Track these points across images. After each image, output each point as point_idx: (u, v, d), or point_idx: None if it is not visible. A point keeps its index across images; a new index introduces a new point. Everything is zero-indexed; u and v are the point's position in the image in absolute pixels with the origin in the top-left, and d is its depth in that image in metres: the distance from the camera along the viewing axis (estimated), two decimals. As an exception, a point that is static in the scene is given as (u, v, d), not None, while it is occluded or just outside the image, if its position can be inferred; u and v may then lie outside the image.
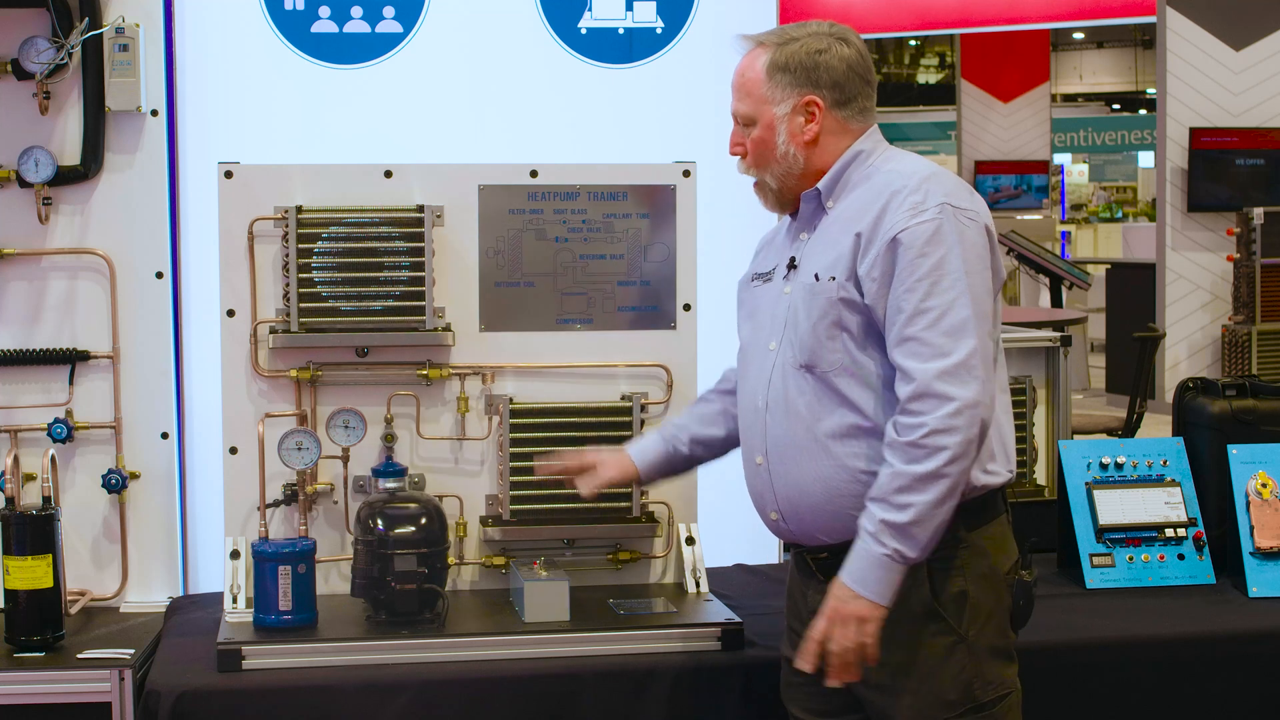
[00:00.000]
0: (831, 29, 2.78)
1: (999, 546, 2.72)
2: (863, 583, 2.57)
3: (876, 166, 2.75)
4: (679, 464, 3.11)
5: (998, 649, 2.69)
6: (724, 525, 3.81)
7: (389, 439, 3.50)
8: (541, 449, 3.48)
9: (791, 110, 2.74)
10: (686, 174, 3.61)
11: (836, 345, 2.67)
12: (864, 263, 2.63)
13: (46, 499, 3.24)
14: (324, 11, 3.75)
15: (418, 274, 3.44)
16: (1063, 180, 23.03)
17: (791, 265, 2.78)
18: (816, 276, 2.70)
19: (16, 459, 3.33)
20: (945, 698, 2.65)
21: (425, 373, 3.51)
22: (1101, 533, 3.66)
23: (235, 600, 3.32)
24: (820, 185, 2.75)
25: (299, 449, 3.31)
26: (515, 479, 3.48)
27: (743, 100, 2.78)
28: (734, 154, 2.82)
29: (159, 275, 3.66)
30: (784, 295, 2.77)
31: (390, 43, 3.78)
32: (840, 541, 2.69)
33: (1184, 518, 3.69)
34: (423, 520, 3.26)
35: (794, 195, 2.78)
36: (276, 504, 3.42)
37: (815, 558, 2.78)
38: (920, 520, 2.54)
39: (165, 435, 3.68)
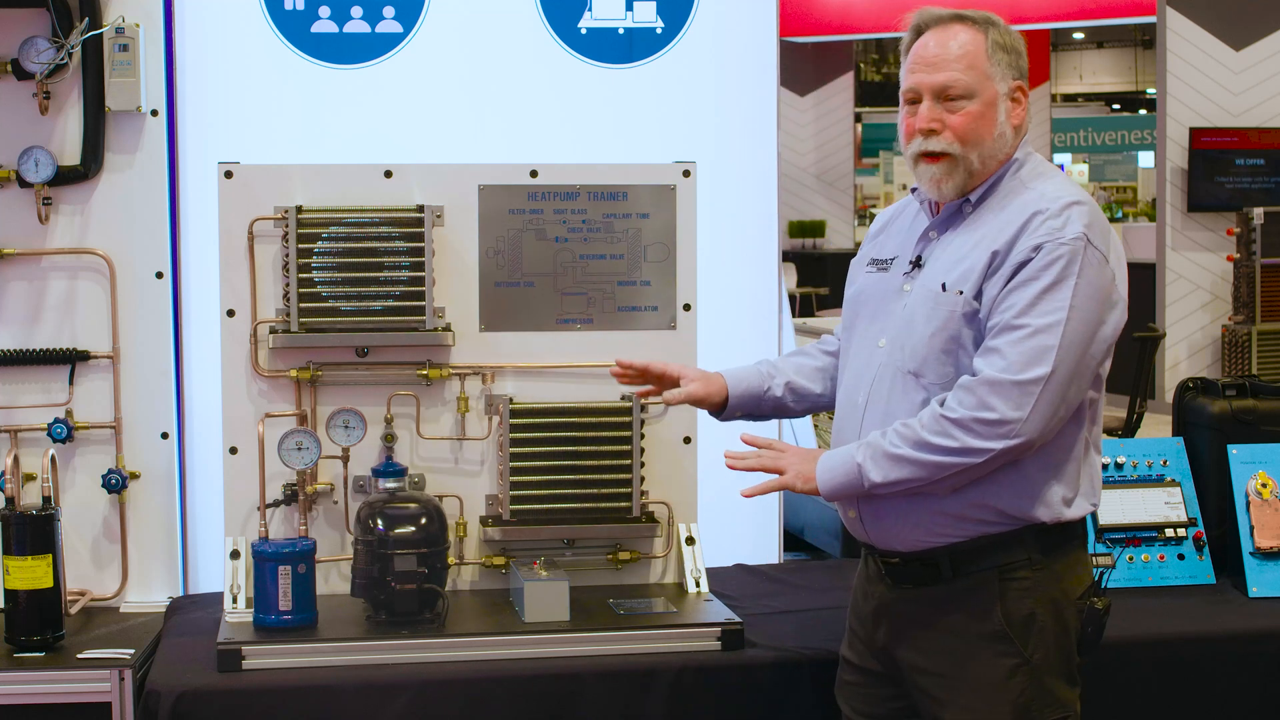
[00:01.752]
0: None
1: (1072, 572, 2.70)
2: (828, 469, 2.67)
3: (1023, 181, 2.69)
4: (767, 406, 3.06)
5: (1061, 672, 2.68)
6: (724, 525, 3.81)
7: (389, 439, 3.50)
8: (541, 449, 3.48)
9: (1009, 90, 2.69)
10: (686, 174, 3.61)
11: (949, 360, 2.64)
12: (991, 281, 2.60)
13: (46, 499, 3.24)
14: (324, 11, 3.74)
15: (418, 274, 3.44)
16: (1063, 180, 22.97)
17: (917, 264, 2.74)
18: (944, 287, 2.65)
19: (16, 459, 3.33)
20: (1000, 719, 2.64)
21: (425, 373, 3.51)
22: (1101, 533, 3.66)
23: (235, 600, 3.32)
24: (972, 195, 2.70)
25: (299, 449, 3.31)
26: (515, 479, 3.48)
27: (964, 72, 2.66)
28: (928, 128, 2.68)
29: (159, 275, 3.66)
30: (902, 293, 2.73)
31: (390, 43, 3.77)
32: (914, 550, 2.70)
33: (1184, 518, 3.69)
34: (423, 520, 3.26)
35: (979, 182, 2.70)
36: (276, 504, 3.42)
37: (886, 561, 2.76)
38: (897, 465, 2.59)
39: (165, 435, 3.68)
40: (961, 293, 2.63)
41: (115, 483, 3.62)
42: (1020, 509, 2.64)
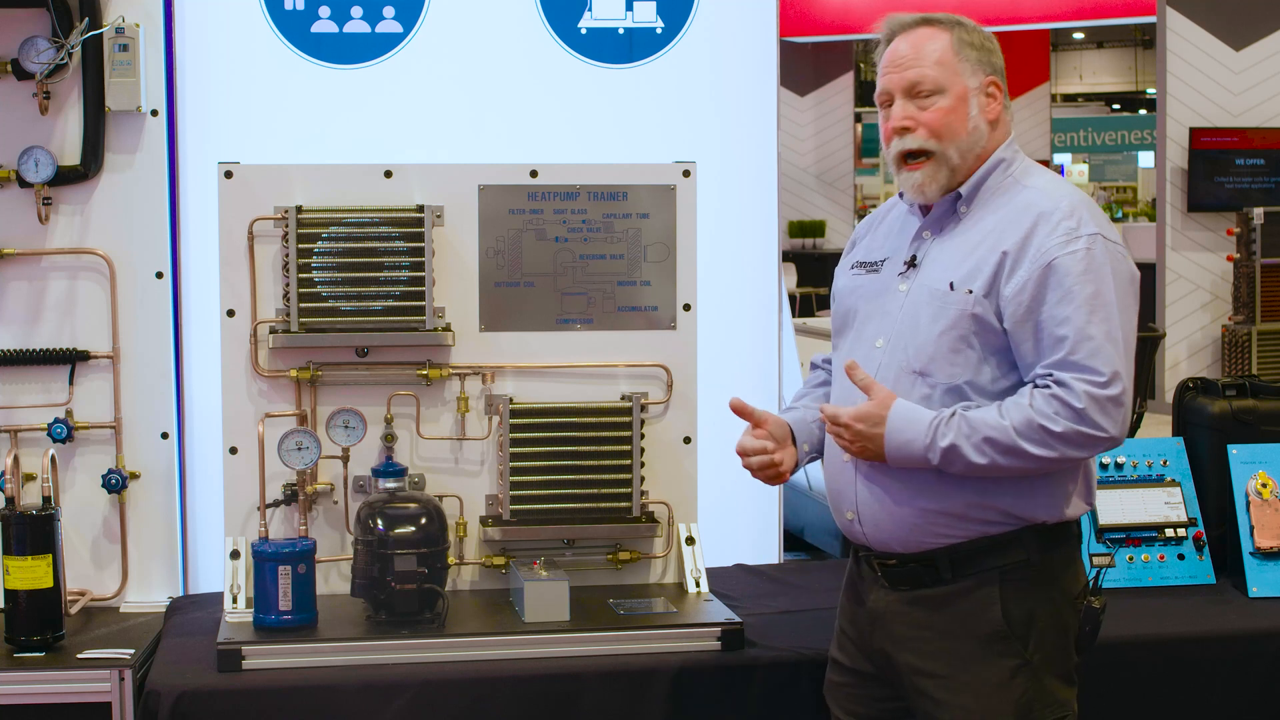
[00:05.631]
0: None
1: (1068, 571, 2.71)
2: (899, 432, 2.59)
3: (1016, 179, 2.71)
4: (818, 432, 2.93)
5: (1060, 672, 2.68)
6: (724, 525, 3.81)
7: (389, 439, 3.50)
8: (541, 449, 3.49)
9: (980, 86, 2.70)
10: (686, 174, 3.61)
11: (959, 359, 2.64)
12: (1010, 283, 2.60)
13: (46, 499, 3.24)
14: (324, 11, 3.74)
15: (418, 274, 3.44)
16: (1063, 180, 22.94)
17: (911, 263, 2.74)
18: (952, 286, 2.65)
19: (16, 459, 3.33)
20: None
21: (425, 373, 3.51)
22: (1101, 533, 3.65)
23: (235, 600, 3.33)
24: (963, 190, 2.70)
25: (299, 449, 3.31)
26: (515, 479, 3.48)
27: (932, 68, 2.68)
28: (902, 126, 2.69)
29: (159, 275, 3.66)
30: (898, 292, 2.73)
31: (390, 43, 3.77)
32: (913, 553, 2.69)
33: (1184, 518, 3.70)
34: (423, 520, 3.26)
35: (962, 179, 2.70)
36: (276, 504, 3.42)
37: (883, 564, 2.74)
38: (971, 468, 2.56)
39: (165, 435, 3.68)
40: (971, 291, 2.63)
41: (115, 483, 3.62)
42: (1024, 509, 2.64)
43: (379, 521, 3.24)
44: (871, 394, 2.63)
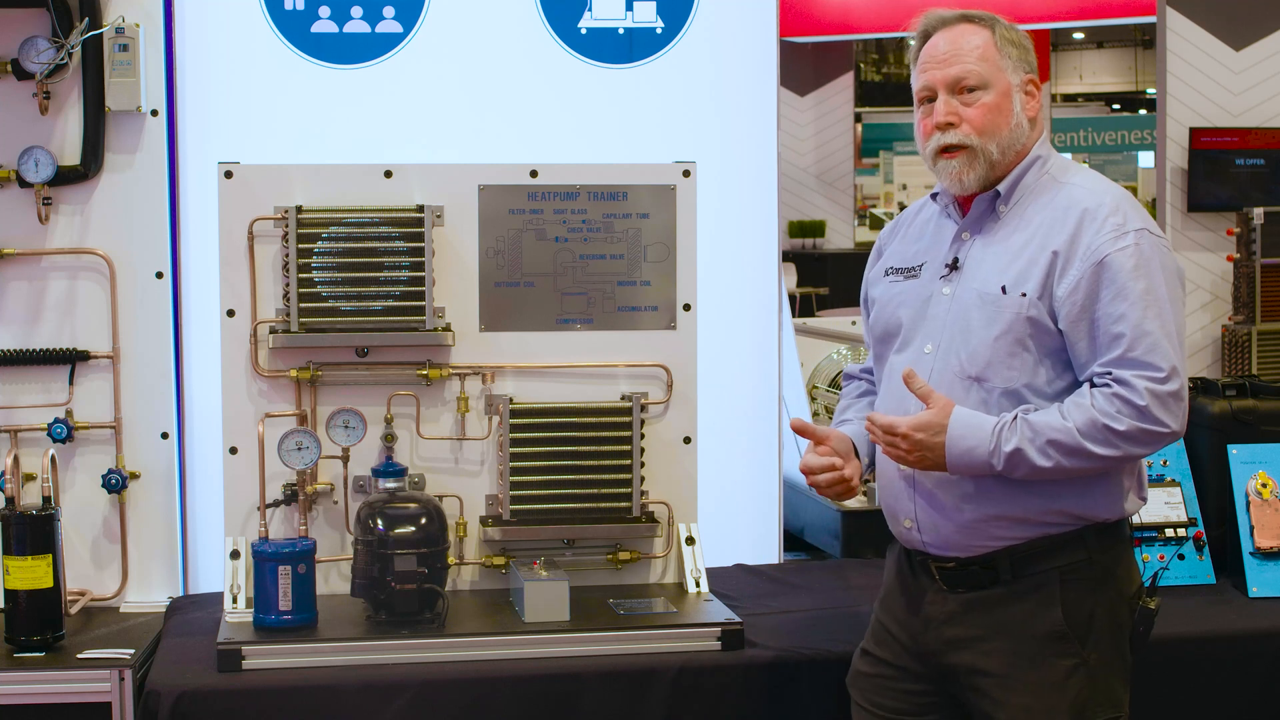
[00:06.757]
0: None
1: (1125, 570, 2.71)
2: (961, 439, 2.57)
3: (1054, 176, 2.71)
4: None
5: (1116, 672, 2.68)
6: (724, 525, 3.81)
7: (389, 439, 3.50)
8: (541, 449, 3.49)
9: (1021, 83, 2.71)
10: (686, 174, 3.62)
11: (1015, 363, 2.63)
12: (1063, 283, 2.59)
13: (46, 499, 3.24)
14: (324, 11, 3.74)
15: (418, 274, 3.44)
16: (1063, 180, 22.88)
17: (953, 266, 2.72)
18: (1004, 289, 2.63)
19: (16, 459, 3.33)
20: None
21: (425, 373, 3.51)
22: (1101, 533, 3.65)
23: (235, 600, 3.33)
24: (1001, 188, 2.70)
25: (299, 449, 3.31)
26: (515, 479, 3.48)
27: (977, 63, 2.68)
28: (945, 121, 2.68)
29: (159, 275, 3.66)
30: (942, 296, 2.71)
31: (390, 43, 3.77)
32: (972, 555, 2.68)
33: (1184, 518, 3.70)
34: (423, 520, 3.26)
35: (1002, 175, 2.70)
36: (276, 504, 3.42)
37: (941, 566, 2.72)
38: (1035, 471, 2.55)
39: (165, 435, 3.68)
40: (1025, 294, 2.62)
41: (115, 483, 3.61)
42: (1085, 509, 2.64)
43: (379, 521, 3.25)
44: (930, 402, 2.60)
